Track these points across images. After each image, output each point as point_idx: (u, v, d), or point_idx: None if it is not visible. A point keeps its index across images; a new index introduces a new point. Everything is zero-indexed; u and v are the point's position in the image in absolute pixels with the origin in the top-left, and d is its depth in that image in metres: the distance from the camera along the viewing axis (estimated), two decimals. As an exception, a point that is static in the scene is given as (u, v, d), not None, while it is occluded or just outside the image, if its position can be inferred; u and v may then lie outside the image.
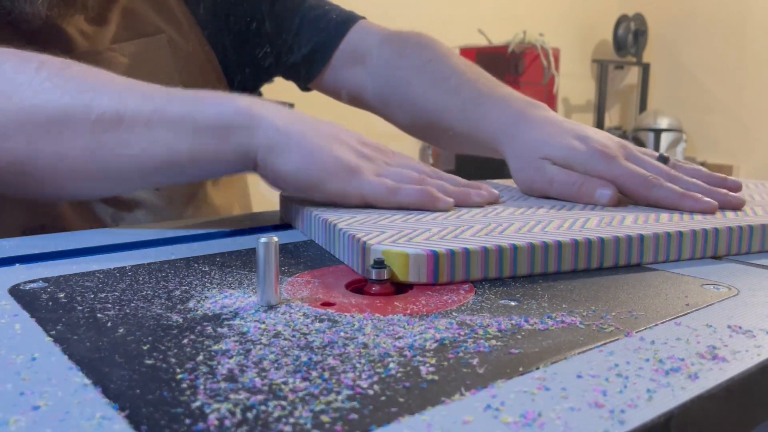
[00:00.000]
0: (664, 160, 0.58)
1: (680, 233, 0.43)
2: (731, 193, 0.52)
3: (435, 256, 0.37)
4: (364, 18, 0.82)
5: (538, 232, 0.42)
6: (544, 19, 2.76)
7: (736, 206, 0.51)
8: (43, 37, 0.67)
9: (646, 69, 3.06)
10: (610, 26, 2.99)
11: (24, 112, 0.48)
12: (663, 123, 2.77)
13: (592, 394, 0.24)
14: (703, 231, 0.44)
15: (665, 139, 2.76)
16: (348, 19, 0.80)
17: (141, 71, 0.71)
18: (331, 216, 0.46)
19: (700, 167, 0.58)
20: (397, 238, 0.40)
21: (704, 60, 2.95)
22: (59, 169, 0.49)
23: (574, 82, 2.97)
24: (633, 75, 3.19)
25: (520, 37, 2.31)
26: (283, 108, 0.52)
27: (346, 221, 0.44)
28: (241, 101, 0.50)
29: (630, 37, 2.94)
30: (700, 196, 0.51)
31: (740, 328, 0.31)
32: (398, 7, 2.15)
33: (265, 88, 0.93)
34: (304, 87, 0.84)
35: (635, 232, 0.42)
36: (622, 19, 2.95)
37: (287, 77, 0.85)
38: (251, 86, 0.86)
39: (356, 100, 0.81)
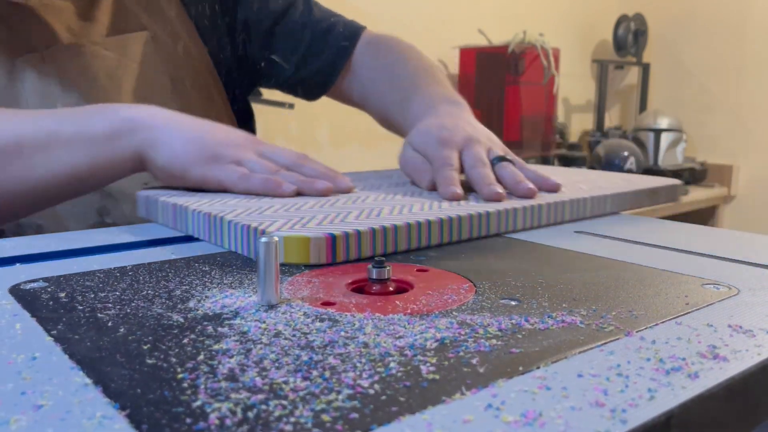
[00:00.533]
0: (499, 159, 0.59)
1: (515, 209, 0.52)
2: (492, 188, 0.55)
3: (333, 239, 0.41)
4: (365, 29, 0.86)
5: (407, 214, 0.48)
6: (544, 19, 2.76)
7: (495, 198, 0.54)
8: (26, 28, 0.67)
9: (646, 69, 3.05)
10: (610, 26, 2.99)
11: None
12: (663, 123, 2.77)
13: (592, 394, 0.24)
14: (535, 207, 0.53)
15: (665, 139, 2.76)
16: (352, 35, 0.84)
17: (126, 66, 0.72)
18: (203, 206, 0.50)
19: (535, 169, 0.62)
20: (291, 225, 0.44)
21: (704, 60, 2.95)
22: None
23: (574, 82, 2.97)
24: (633, 75, 3.19)
25: (520, 37, 2.31)
26: (165, 111, 0.58)
27: (231, 214, 0.47)
28: (126, 110, 0.57)
29: (630, 37, 2.94)
30: (454, 185, 0.54)
31: (740, 327, 0.31)
32: (398, 7, 2.15)
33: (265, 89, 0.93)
34: (312, 98, 0.88)
35: (485, 209, 0.50)
36: (622, 19, 2.95)
37: (291, 90, 0.87)
38: (247, 89, 0.87)
39: (348, 101, 0.87)
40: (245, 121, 0.89)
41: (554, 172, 0.63)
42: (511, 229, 0.52)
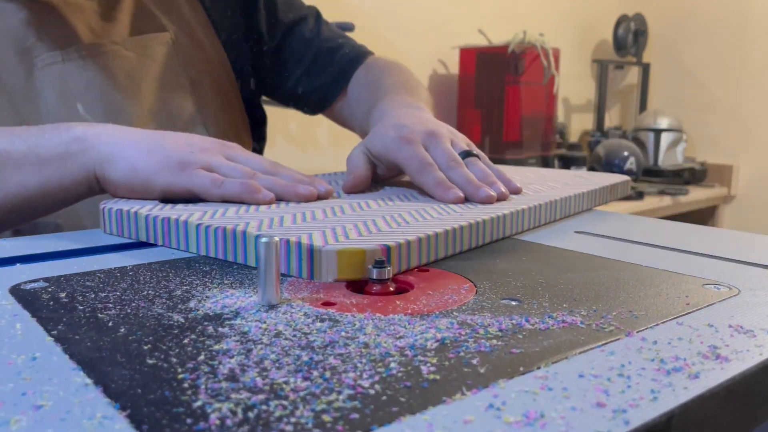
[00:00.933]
0: (466, 154, 0.58)
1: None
2: (483, 190, 0.53)
3: (388, 250, 0.38)
4: (371, 54, 0.87)
5: (436, 219, 0.46)
6: (544, 19, 2.76)
7: (487, 201, 0.52)
8: (48, 27, 0.67)
9: (646, 69, 3.05)
10: (610, 26, 2.98)
11: None
12: (663, 123, 2.77)
13: (593, 394, 0.24)
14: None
15: (665, 139, 2.76)
16: (357, 58, 0.84)
17: (146, 66, 0.72)
18: (171, 213, 0.47)
19: (498, 168, 0.60)
20: (331, 236, 0.40)
21: (704, 60, 2.95)
22: None
23: (574, 82, 2.97)
24: (633, 75, 3.19)
25: (520, 37, 2.31)
26: (119, 127, 0.55)
27: (246, 226, 0.43)
28: (78, 129, 0.53)
29: (630, 37, 2.93)
30: (454, 188, 0.53)
31: (741, 327, 0.31)
32: (398, 7, 2.15)
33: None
34: (312, 114, 0.89)
35: (509, 210, 0.49)
36: (622, 19, 2.95)
37: (291, 105, 0.88)
38: (259, 95, 0.88)
39: (342, 123, 0.88)
40: (258, 125, 0.90)
41: (505, 171, 0.61)
42: (524, 229, 0.52)
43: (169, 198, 0.52)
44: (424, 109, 0.68)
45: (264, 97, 0.91)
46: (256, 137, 0.88)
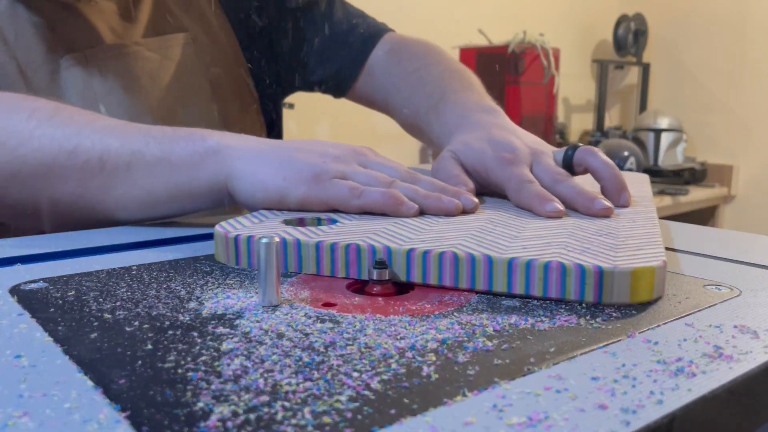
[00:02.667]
0: (573, 150, 0.55)
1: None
2: (600, 202, 0.48)
3: (665, 266, 0.35)
4: (389, 31, 0.84)
5: (632, 233, 0.42)
6: (544, 19, 2.76)
7: (602, 214, 0.48)
8: (70, 28, 0.67)
9: (646, 69, 3.05)
10: (610, 26, 2.99)
11: (17, 161, 0.51)
12: (663, 123, 2.77)
13: (596, 395, 0.24)
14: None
15: (665, 139, 2.76)
16: (372, 36, 0.82)
17: (167, 67, 0.72)
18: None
19: (576, 186, 0.52)
20: (578, 252, 0.36)
21: (704, 60, 2.95)
22: (54, 212, 0.53)
23: (574, 82, 2.97)
24: (633, 75, 3.19)
25: (520, 37, 2.31)
26: (251, 139, 0.53)
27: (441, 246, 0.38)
28: (211, 139, 0.52)
29: (630, 37, 2.93)
30: (553, 200, 0.48)
31: (743, 328, 0.31)
32: (398, 7, 2.15)
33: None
34: (337, 97, 0.87)
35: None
36: (622, 19, 2.95)
37: (315, 90, 0.86)
38: (278, 96, 0.87)
39: (372, 105, 0.84)
40: (272, 128, 0.89)
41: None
42: None
43: (306, 209, 0.49)
44: (500, 112, 0.65)
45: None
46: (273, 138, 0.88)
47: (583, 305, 0.34)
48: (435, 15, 2.35)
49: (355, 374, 0.25)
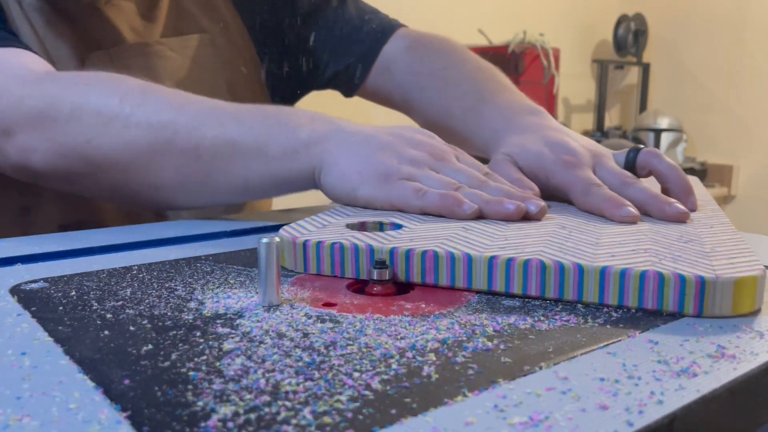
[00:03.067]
0: (636, 152, 0.55)
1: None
2: (675, 206, 0.47)
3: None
4: (402, 27, 0.83)
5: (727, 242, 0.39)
6: (544, 19, 2.76)
7: (678, 218, 0.46)
8: (94, 27, 0.68)
9: (646, 69, 3.05)
10: (610, 26, 2.99)
11: (115, 149, 0.52)
12: (663, 123, 2.77)
13: (597, 395, 0.24)
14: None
15: (665, 139, 2.76)
16: (384, 32, 0.80)
17: (187, 67, 0.72)
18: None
19: (646, 189, 0.51)
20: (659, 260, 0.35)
21: (704, 60, 2.95)
22: (152, 197, 0.55)
23: (574, 82, 2.97)
24: (633, 75, 3.19)
25: (520, 37, 2.31)
26: (342, 129, 0.53)
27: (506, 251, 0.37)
28: (306, 127, 0.52)
29: (630, 37, 2.94)
30: (627, 204, 0.47)
31: (744, 328, 0.31)
32: (398, 8, 2.15)
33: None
34: (348, 95, 0.85)
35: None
36: (622, 19, 2.95)
37: (328, 88, 0.85)
38: (293, 97, 0.87)
39: (388, 103, 0.83)
40: None
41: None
42: None
43: (371, 207, 0.49)
44: (545, 113, 0.64)
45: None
46: None
47: (581, 305, 0.34)
48: (435, 15, 2.35)
49: (356, 374, 0.25)
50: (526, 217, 0.46)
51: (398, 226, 0.44)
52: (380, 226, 0.45)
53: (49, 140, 0.53)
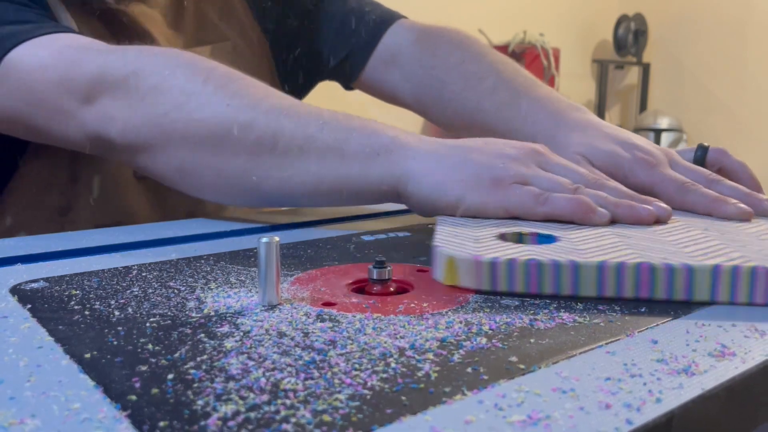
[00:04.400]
0: (704, 150, 0.55)
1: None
2: (766, 202, 0.50)
3: None
4: (403, 18, 0.81)
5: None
6: (544, 19, 2.76)
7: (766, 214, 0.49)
8: (128, 40, 0.67)
9: (646, 69, 3.05)
10: (610, 26, 2.99)
11: (190, 124, 0.50)
12: (663, 123, 2.77)
13: (596, 394, 0.24)
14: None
15: (665, 139, 2.76)
16: (384, 21, 0.79)
17: None
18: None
19: (737, 186, 0.53)
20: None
21: (704, 60, 2.95)
22: (217, 182, 0.52)
23: (574, 82, 2.97)
24: (633, 75, 3.19)
25: (520, 37, 2.31)
26: (425, 138, 0.51)
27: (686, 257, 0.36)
28: (385, 135, 0.50)
29: (630, 37, 2.94)
30: (734, 201, 0.48)
31: (742, 328, 0.31)
32: (398, 8, 2.15)
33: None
34: (347, 87, 0.84)
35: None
36: (622, 19, 2.95)
37: (330, 79, 0.85)
38: (299, 92, 0.87)
39: (393, 99, 0.80)
40: None
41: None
42: None
43: (493, 216, 0.46)
44: (587, 110, 0.63)
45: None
46: None
47: (579, 303, 0.34)
48: (435, 15, 2.35)
49: (355, 373, 0.25)
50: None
51: (546, 237, 0.41)
52: (519, 237, 0.42)
53: (130, 108, 0.52)
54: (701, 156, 0.55)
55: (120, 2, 0.65)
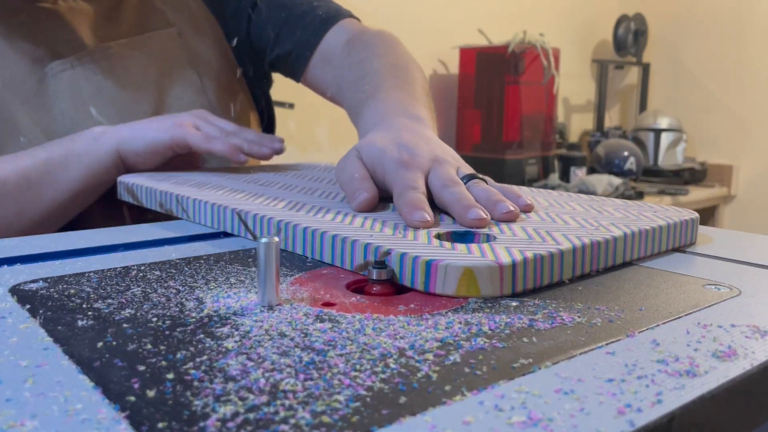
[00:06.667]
0: (469, 177, 0.50)
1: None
2: (511, 207, 0.45)
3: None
4: (349, 16, 0.82)
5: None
6: (544, 19, 2.76)
7: (509, 219, 0.45)
8: (53, 36, 0.69)
9: (646, 69, 3.05)
10: (610, 26, 2.99)
11: None
12: (663, 123, 2.77)
13: (596, 394, 0.24)
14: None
15: (665, 139, 2.76)
16: (330, 19, 0.80)
17: (154, 65, 0.73)
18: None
19: (509, 186, 0.51)
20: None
21: (704, 60, 2.95)
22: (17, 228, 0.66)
23: (574, 82, 2.97)
24: (633, 75, 3.19)
25: (520, 37, 2.31)
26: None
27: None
28: (100, 126, 0.67)
29: (630, 37, 2.93)
30: (483, 212, 0.44)
31: (743, 328, 0.31)
32: (398, 8, 2.15)
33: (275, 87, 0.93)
34: (297, 80, 0.85)
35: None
36: (622, 19, 2.95)
37: (279, 71, 0.86)
38: (260, 82, 0.87)
39: (322, 95, 0.83)
40: (263, 117, 0.89)
41: (517, 188, 0.53)
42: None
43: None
44: (425, 121, 0.59)
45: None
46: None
47: (578, 304, 0.34)
48: (435, 15, 2.35)
49: (355, 374, 0.25)
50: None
51: (461, 235, 0.42)
52: (453, 236, 0.42)
53: None
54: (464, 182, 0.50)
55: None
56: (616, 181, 2.29)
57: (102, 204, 0.70)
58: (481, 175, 0.51)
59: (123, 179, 0.65)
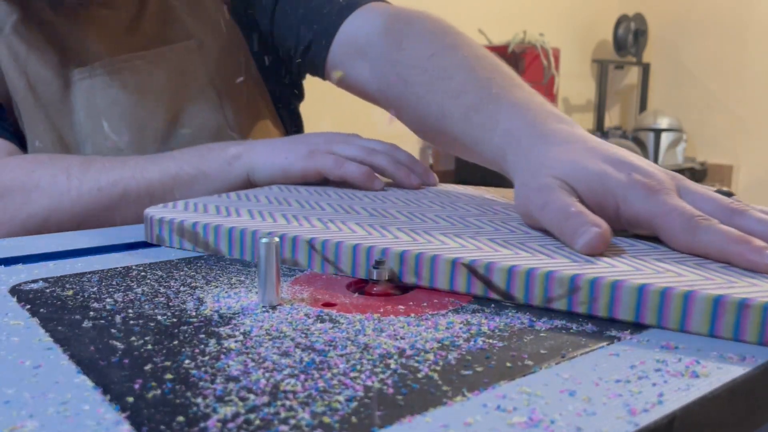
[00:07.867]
0: (726, 195, 0.41)
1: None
2: None
3: None
4: (367, 3, 0.71)
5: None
6: (544, 19, 2.76)
7: None
8: (76, 45, 0.68)
9: (646, 69, 3.05)
10: (610, 26, 2.99)
11: (76, 216, 0.60)
12: (663, 123, 2.77)
13: (597, 395, 0.24)
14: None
15: (665, 139, 2.76)
16: (348, 7, 0.70)
17: (170, 79, 0.72)
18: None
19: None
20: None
21: (704, 60, 2.95)
22: None
23: (574, 82, 2.97)
24: (633, 75, 3.19)
25: (520, 37, 2.31)
26: (266, 140, 0.65)
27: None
28: (232, 148, 0.63)
29: (630, 37, 2.94)
30: (764, 244, 0.34)
31: (743, 328, 0.31)
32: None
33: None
34: (324, 77, 0.77)
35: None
36: (622, 19, 2.95)
37: (305, 70, 0.80)
38: (291, 98, 0.86)
39: (361, 95, 0.72)
40: (295, 127, 0.87)
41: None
42: None
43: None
44: (572, 121, 0.49)
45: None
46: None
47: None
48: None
49: (355, 374, 0.25)
50: None
51: None
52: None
53: (9, 216, 0.60)
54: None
55: (71, 5, 0.69)
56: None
57: None
58: (726, 188, 0.44)
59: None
